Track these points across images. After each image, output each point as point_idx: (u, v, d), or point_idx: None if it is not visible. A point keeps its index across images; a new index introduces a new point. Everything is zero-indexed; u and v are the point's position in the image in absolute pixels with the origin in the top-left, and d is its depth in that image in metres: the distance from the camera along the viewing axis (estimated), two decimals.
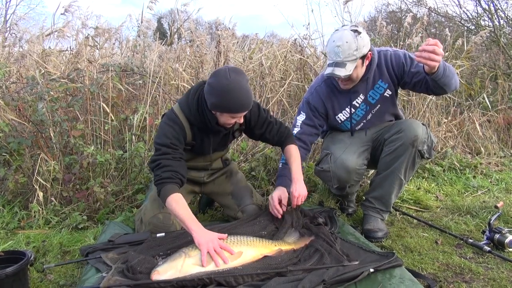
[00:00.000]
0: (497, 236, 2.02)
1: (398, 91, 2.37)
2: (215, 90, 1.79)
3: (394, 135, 2.18)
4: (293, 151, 2.13)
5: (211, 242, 1.61)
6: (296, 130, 2.35)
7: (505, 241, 1.98)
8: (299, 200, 2.00)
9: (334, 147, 2.30)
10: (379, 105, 2.30)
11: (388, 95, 2.28)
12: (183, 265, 1.56)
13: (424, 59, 1.83)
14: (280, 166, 2.29)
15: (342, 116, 2.34)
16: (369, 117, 2.32)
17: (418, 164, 2.23)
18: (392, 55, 2.25)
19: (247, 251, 1.67)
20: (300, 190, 2.00)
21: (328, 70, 2.08)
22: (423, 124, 2.20)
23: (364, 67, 2.15)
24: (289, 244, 1.81)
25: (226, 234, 1.73)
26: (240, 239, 1.74)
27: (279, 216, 2.04)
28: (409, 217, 2.51)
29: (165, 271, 1.53)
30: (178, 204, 1.75)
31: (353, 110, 2.30)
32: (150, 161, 1.96)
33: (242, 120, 1.96)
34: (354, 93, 2.26)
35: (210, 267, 1.56)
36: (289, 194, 2.08)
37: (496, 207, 2.29)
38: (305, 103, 2.38)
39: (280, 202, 2.07)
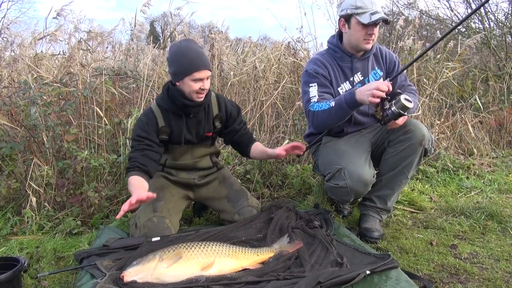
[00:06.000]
0: (393, 107, 1.89)
1: None
2: (170, 60, 2.00)
3: (402, 135, 2.19)
4: (261, 145, 2.30)
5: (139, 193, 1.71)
6: (315, 99, 2.17)
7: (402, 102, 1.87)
8: None
9: (343, 161, 2.15)
10: None
11: None
12: (155, 268, 1.55)
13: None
14: (334, 101, 2.09)
15: (345, 87, 2.28)
16: None
17: (422, 162, 2.26)
18: (387, 51, 2.36)
19: (225, 262, 1.64)
20: None
21: (375, 17, 2.06)
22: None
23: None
24: (275, 250, 1.77)
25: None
26: (217, 249, 1.68)
27: (384, 94, 1.88)
28: (404, 219, 2.53)
29: (137, 272, 1.53)
30: (132, 179, 1.92)
31: (350, 86, 2.29)
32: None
33: (207, 86, 2.02)
34: (354, 69, 2.27)
35: (188, 274, 1.56)
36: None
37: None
38: (311, 74, 2.24)
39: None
